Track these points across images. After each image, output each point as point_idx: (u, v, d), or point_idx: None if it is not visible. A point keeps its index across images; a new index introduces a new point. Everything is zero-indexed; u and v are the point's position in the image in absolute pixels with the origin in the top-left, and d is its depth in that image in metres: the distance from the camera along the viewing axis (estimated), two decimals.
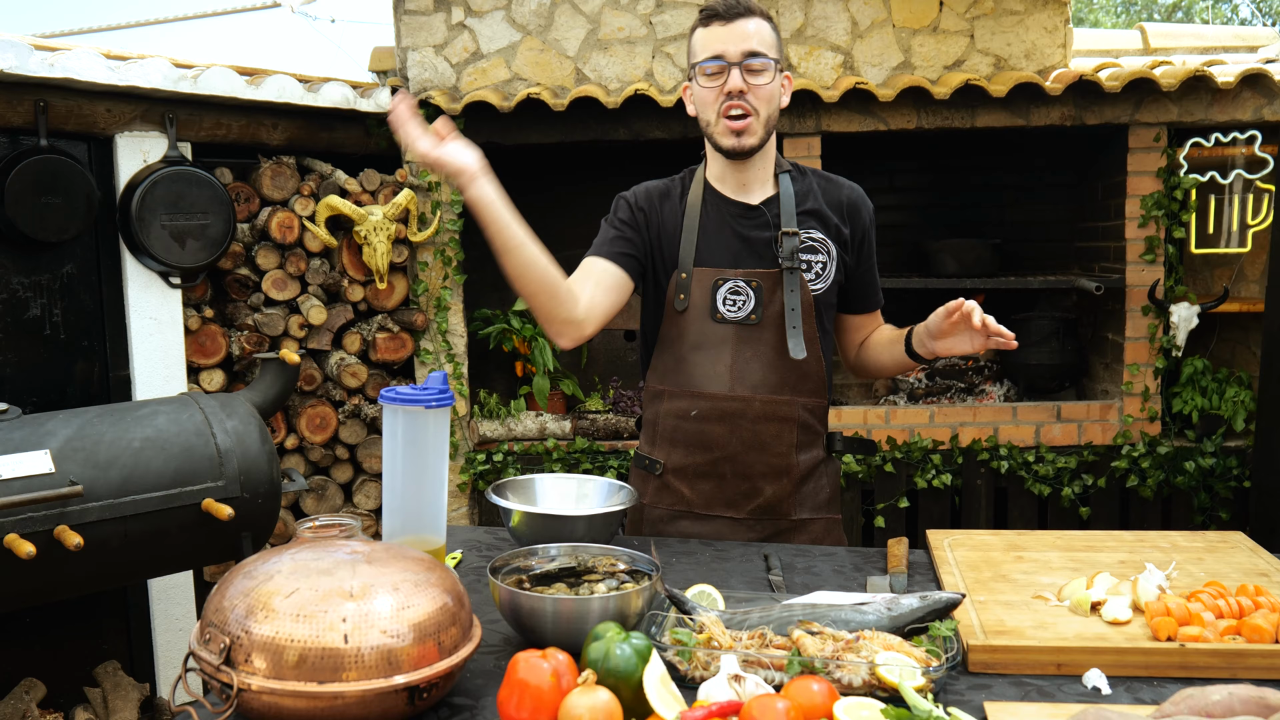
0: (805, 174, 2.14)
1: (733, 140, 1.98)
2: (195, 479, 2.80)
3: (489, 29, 4.02)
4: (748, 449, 2.06)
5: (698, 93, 2.01)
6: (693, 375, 2.06)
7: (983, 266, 4.24)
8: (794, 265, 2.01)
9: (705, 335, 2.04)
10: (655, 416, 2.14)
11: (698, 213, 2.07)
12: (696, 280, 2.04)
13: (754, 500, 2.09)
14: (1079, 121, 3.89)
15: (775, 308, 2.03)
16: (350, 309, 3.91)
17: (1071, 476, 4.01)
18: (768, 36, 1.99)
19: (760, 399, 2.05)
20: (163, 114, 3.44)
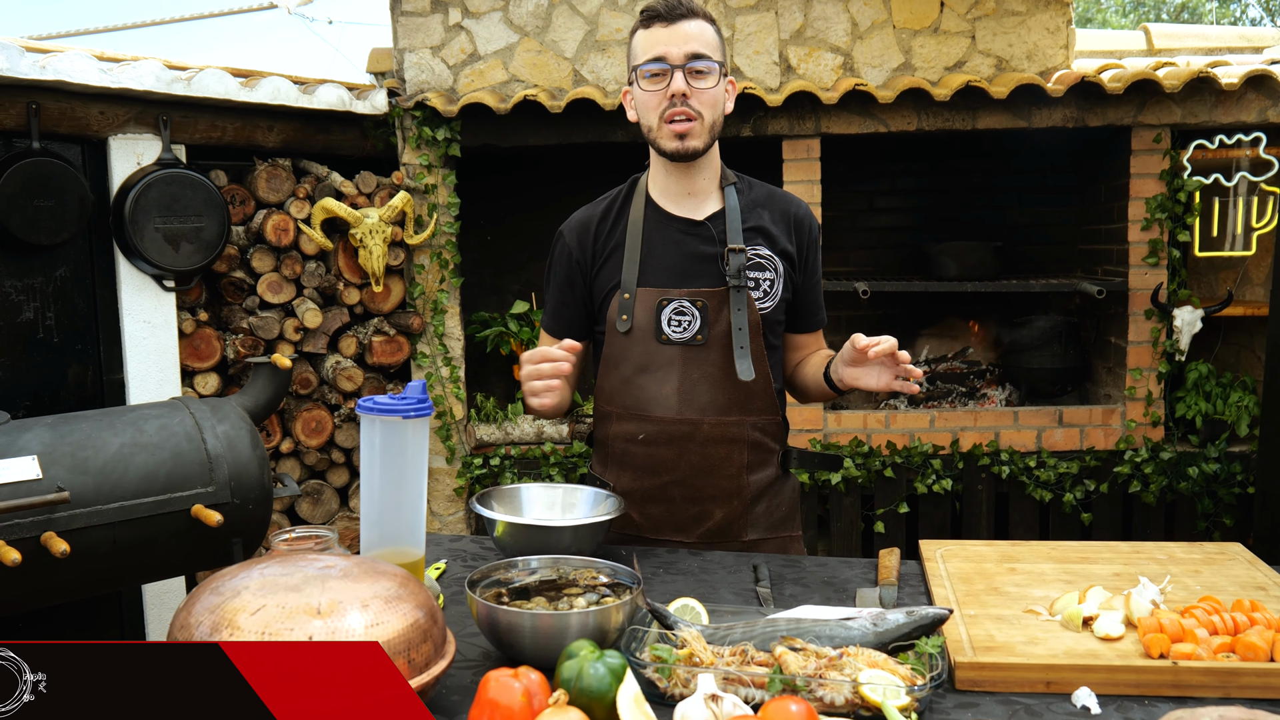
0: (751, 186, 2.08)
1: (676, 143, 1.91)
2: (185, 484, 2.77)
3: (486, 30, 4.00)
4: (697, 472, 2.01)
5: (639, 96, 1.95)
6: (640, 398, 2.02)
7: (984, 269, 4.20)
8: (740, 283, 1.96)
9: (651, 357, 2.00)
10: (605, 437, 2.09)
11: (640, 230, 2.01)
12: (640, 301, 1.99)
13: (704, 524, 2.04)
14: (1081, 123, 3.85)
15: (722, 327, 1.97)
16: (346, 312, 3.89)
17: (1073, 482, 3.97)
18: (711, 39, 1.93)
19: (709, 421, 1.99)
20: (156, 116, 3.42)
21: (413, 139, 3.91)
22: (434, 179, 3.94)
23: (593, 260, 2.06)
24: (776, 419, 2.07)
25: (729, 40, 3.97)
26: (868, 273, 4.60)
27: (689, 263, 1.99)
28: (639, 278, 2.00)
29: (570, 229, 2.09)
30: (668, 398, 2.00)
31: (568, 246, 2.07)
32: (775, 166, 4.00)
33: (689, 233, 2.01)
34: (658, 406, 2.01)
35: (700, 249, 2.00)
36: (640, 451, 2.03)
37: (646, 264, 2.00)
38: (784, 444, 2.13)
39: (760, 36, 3.96)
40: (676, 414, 2.00)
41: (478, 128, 3.91)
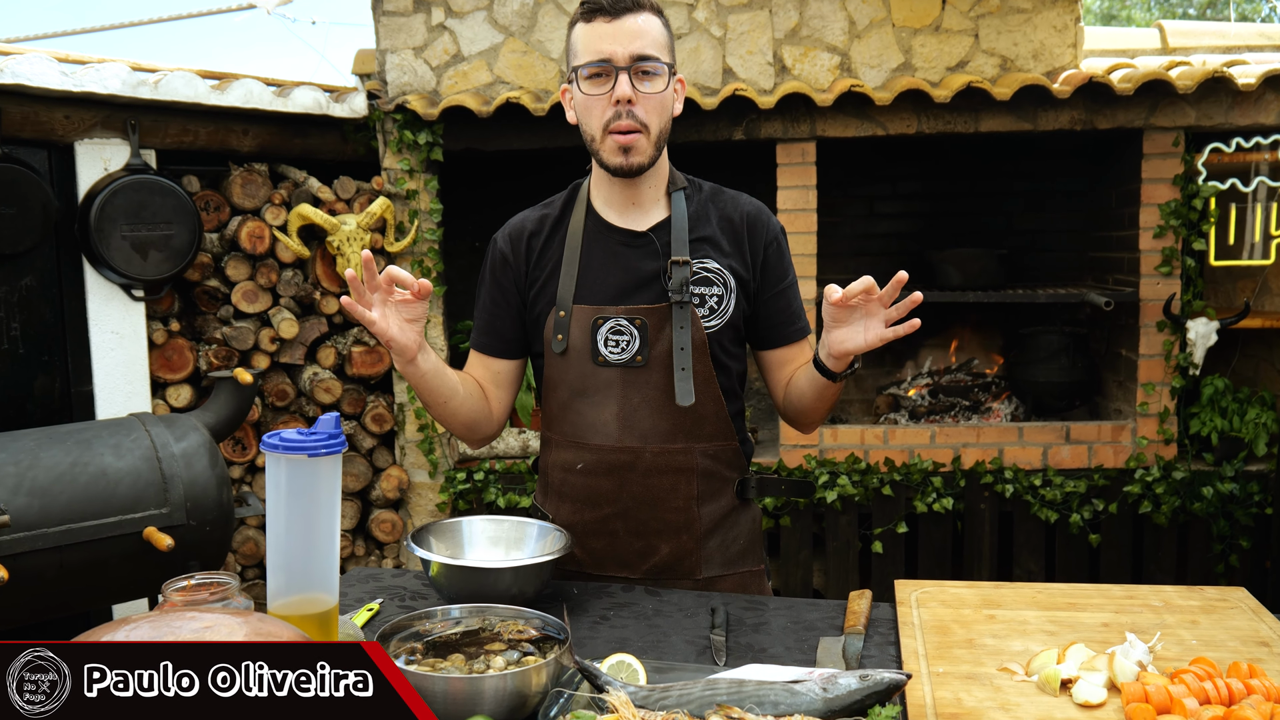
0: (702, 190, 1.92)
1: (620, 159, 1.75)
2: (137, 506, 2.66)
3: (470, 30, 3.87)
4: (640, 504, 1.86)
5: (579, 100, 1.77)
6: (577, 424, 1.87)
7: (988, 278, 4.03)
8: (684, 299, 1.80)
9: (588, 380, 1.85)
10: (545, 466, 1.96)
11: (579, 244, 1.87)
12: (576, 319, 1.84)
13: (650, 559, 1.89)
14: (1090, 126, 3.68)
15: (663, 347, 1.82)
16: (325, 322, 3.77)
17: (1081, 501, 3.80)
18: (659, 36, 1.77)
19: (652, 449, 1.84)
20: (124, 120, 3.31)
21: (393, 143, 3.78)
22: (415, 184, 3.81)
23: (529, 272, 1.91)
24: (732, 444, 1.92)
25: (720, 40, 3.82)
26: None
27: (629, 278, 1.84)
28: (575, 294, 1.85)
29: (505, 237, 1.94)
30: (606, 424, 1.85)
31: (503, 254, 1.93)
32: (769, 171, 3.85)
33: (630, 245, 1.86)
34: (596, 434, 1.86)
35: (641, 263, 1.85)
36: (579, 482, 1.89)
37: (584, 279, 1.85)
38: (743, 471, 1.96)
39: (754, 36, 3.81)
40: (616, 441, 1.85)
41: (460, 131, 3.78)
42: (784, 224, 3.78)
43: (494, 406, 1.95)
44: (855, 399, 4.50)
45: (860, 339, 1.65)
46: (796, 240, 3.77)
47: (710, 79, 3.84)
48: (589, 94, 1.75)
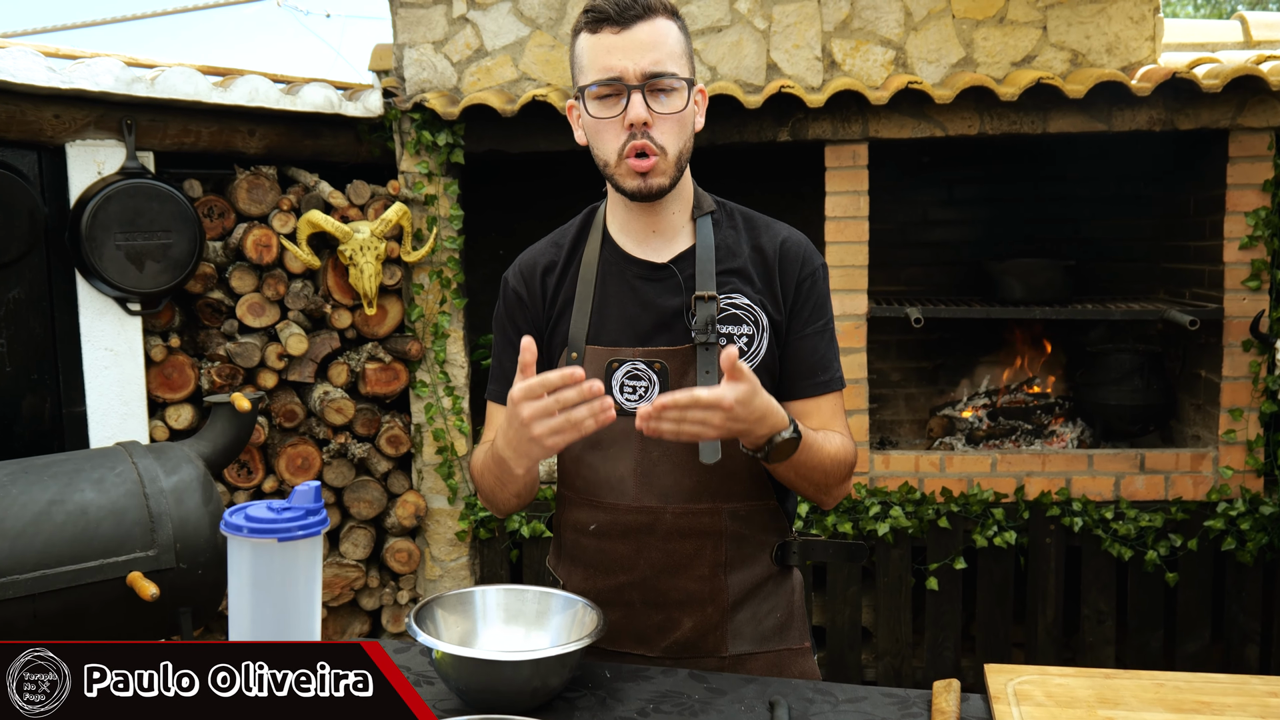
0: (733, 217, 1.67)
1: (637, 182, 1.53)
2: (121, 548, 2.40)
3: (494, 23, 3.59)
4: (660, 572, 1.61)
5: (588, 123, 1.54)
6: (591, 480, 1.62)
7: (1054, 291, 3.71)
8: (709, 340, 1.56)
9: (602, 431, 1.53)
10: (558, 525, 1.72)
11: (594, 277, 1.63)
12: (589, 362, 1.60)
13: (670, 634, 1.63)
14: (1170, 126, 3.35)
15: None
16: (336, 336, 3.51)
17: (1157, 537, 3.47)
18: (675, 45, 1.53)
19: (673, 510, 1.58)
20: (120, 120, 3.06)
21: (411, 144, 3.51)
22: (434, 189, 3.54)
23: (545, 310, 1.67)
24: (768, 504, 1.64)
25: (764, 33, 3.52)
26: (920, 293, 4.13)
27: (647, 315, 1.60)
28: (589, 333, 1.61)
29: (517, 274, 1.70)
30: (622, 480, 1.60)
31: (516, 295, 1.68)
32: (816, 175, 3.55)
33: (649, 278, 1.62)
34: (610, 491, 1.61)
35: (662, 299, 1.60)
36: (591, 545, 1.64)
37: (599, 317, 1.62)
38: (782, 533, 1.67)
39: (800, 28, 3.51)
40: (633, 501, 1.60)
41: (483, 131, 3.51)
42: (833, 233, 3.48)
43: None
44: (906, 419, 4.19)
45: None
46: (846, 251, 3.47)
47: (753, 75, 3.54)
48: (599, 117, 1.52)
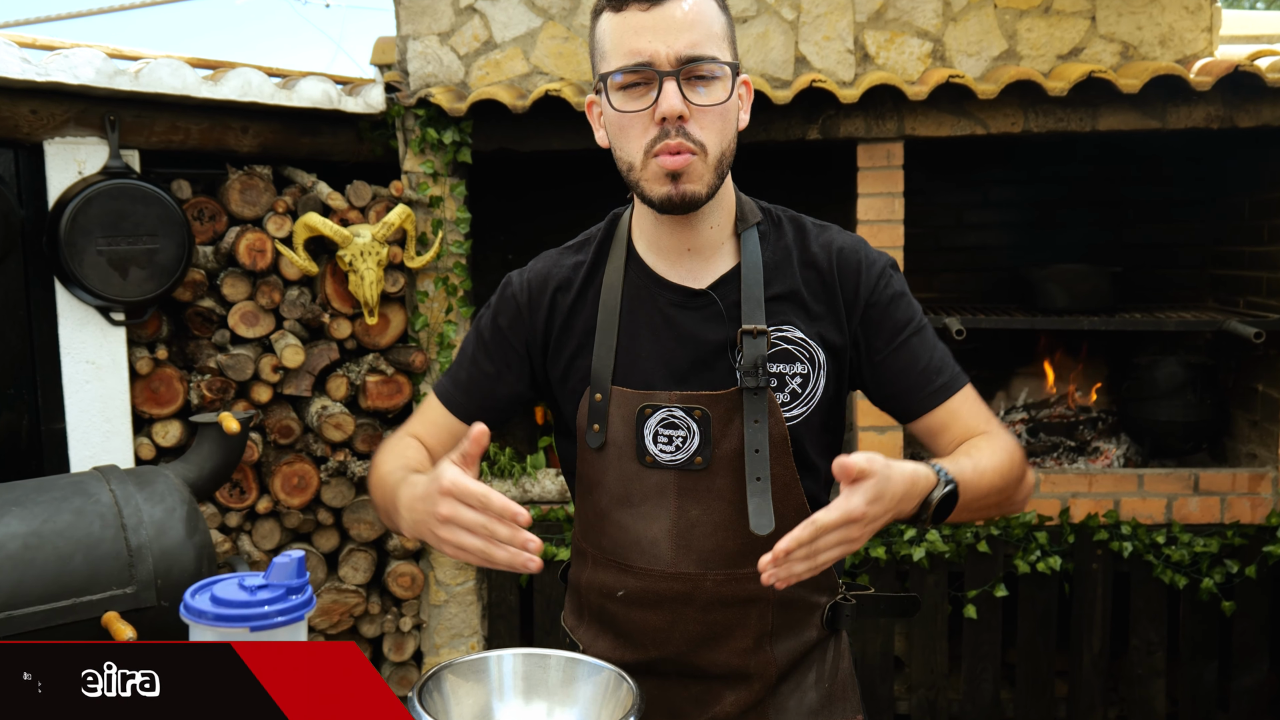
0: (781, 227, 1.42)
1: (668, 188, 1.28)
2: (95, 586, 2.18)
3: (504, 14, 3.37)
4: (698, 645, 1.39)
5: (611, 118, 1.31)
6: (619, 541, 1.39)
7: (1099, 299, 3.49)
8: (759, 384, 1.32)
9: (632, 484, 1.37)
10: (578, 583, 1.49)
11: (617, 304, 1.39)
12: (616, 406, 1.36)
13: (709, 709, 1.42)
14: (1229, 124, 3.12)
15: (731, 444, 1.34)
16: (335, 347, 3.29)
17: (1212, 563, 3.24)
18: (716, 25, 1.28)
19: (714, 577, 1.36)
20: (102, 116, 2.84)
21: (415, 142, 3.29)
22: (440, 190, 3.32)
23: (546, 333, 1.44)
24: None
25: (793, 24, 3.30)
26: (955, 300, 3.90)
27: (683, 353, 1.36)
28: (615, 372, 1.37)
29: (524, 284, 1.46)
30: (655, 543, 1.37)
31: (517, 306, 1.45)
32: (848, 176, 3.32)
33: (685, 307, 1.38)
34: (642, 555, 1.38)
35: (700, 332, 1.37)
36: (619, 612, 1.41)
37: (625, 353, 1.38)
38: (834, 590, 1.45)
39: (831, 19, 3.28)
40: (669, 566, 1.37)
41: (492, 129, 3.29)
42: (865, 237, 3.25)
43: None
44: None
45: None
46: None
47: (781, 69, 3.31)
48: (624, 110, 1.28)
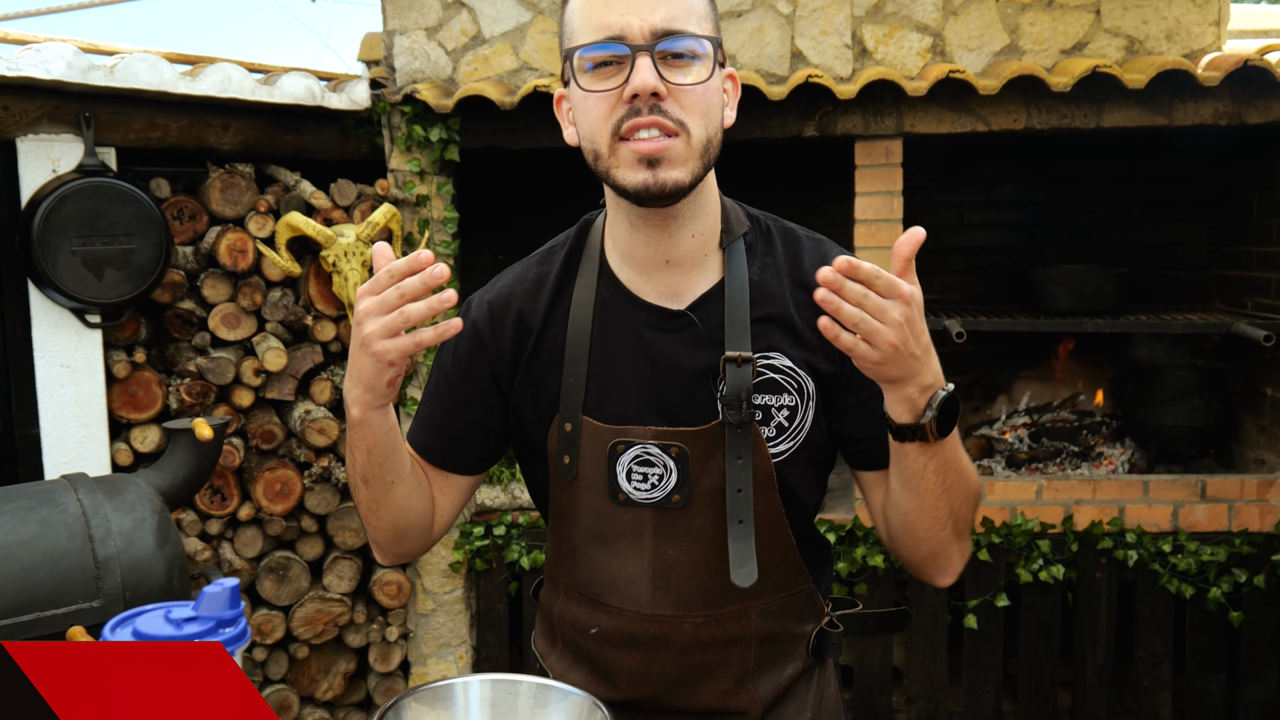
0: (770, 240, 1.31)
1: (644, 175, 1.14)
2: (61, 599, 2.10)
3: (492, 8, 3.28)
4: (676, 687, 1.30)
5: (579, 102, 1.18)
6: (593, 577, 1.30)
7: (1104, 301, 3.40)
8: (742, 417, 1.21)
9: (605, 521, 1.27)
10: (550, 610, 1.40)
11: (588, 324, 1.27)
12: (587, 438, 1.25)
13: None
14: (1238, 120, 3.03)
15: (711, 482, 1.24)
16: (319, 350, 3.20)
17: (1219, 572, 3.15)
18: (697, 2, 1.17)
19: (693, 619, 1.27)
20: (77, 112, 2.76)
21: (401, 140, 3.21)
22: (427, 188, 3.24)
23: (514, 358, 1.32)
24: (805, 589, 1.32)
25: (789, 18, 3.21)
26: (955, 302, 3.81)
27: (662, 379, 1.25)
28: (585, 401, 1.26)
29: (484, 309, 1.34)
30: (632, 583, 1.28)
31: (477, 334, 1.33)
32: (845, 174, 3.24)
33: (662, 329, 1.26)
34: (617, 594, 1.29)
35: (679, 357, 1.25)
36: (593, 649, 1.33)
37: (597, 379, 1.26)
38: (819, 615, 1.35)
39: (828, 13, 3.20)
40: (645, 607, 1.28)
41: (480, 126, 3.20)
42: (862, 238, 3.17)
43: (435, 517, 1.38)
44: None
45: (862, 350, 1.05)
46: (878, 257, 3.16)
47: (777, 64, 3.23)
48: (592, 89, 1.15)
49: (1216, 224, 3.70)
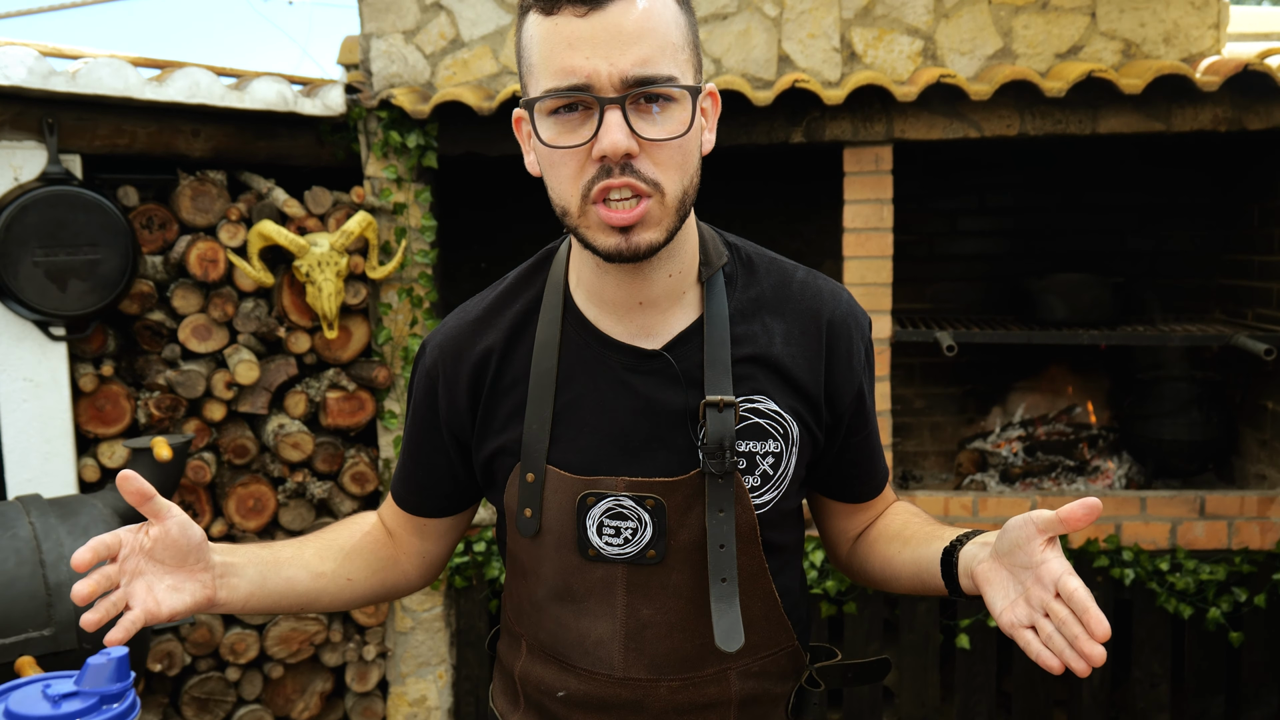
0: (753, 272, 1.22)
1: (616, 239, 1.05)
2: (9, 628, 2.02)
3: (472, 10, 3.20)
4: None
5: (541, 152, 1.07)
6: (559, 637, 1.21)
7: (1100, 311, 3.31)
8: (724, 467, 1.12)
9: (573, 578, 1.18)
10: (510, 666, 1.30)
11: (553, 365, 1.17)
12: (553, 489, 1.16)
13: None
14: (1238, 126, 2.94)
15: (689, 535, 1.15)
16: (294, 362, 3.12)
17: (1219, 591, 3.06)
18: (672, 32, 1.04)
19: (668, 683, 1.18)
20: (40, 119, 2.68)
21: (378, 146, 3.13)
22: (404, 196, 3.15)
23: (472, 403, 1.22)
24: (787, 647, 1.25)
25: (775, 21, 3.13)
26: (948, 312, 3.73)
27: (636, 425, 1.15)
28: (550, 450, 1.16)
29: (437, 351, 1.25)
30: (602, 644, 1.19)
31: (430, 380, 1.24)
32: (834, 181, 3.15)
33: (635, 370, 1.16)
34: (586, 655, 1.20)
35: (655, 398, 1.16)
36: (561, 713, 1.23)
37: (563, 426, 1.17)
38: (799, 673, 1.27)
39: (816, 15, 3.11)
40: (619, 671, 1.18)
41: (459, 132, 3.12)
42: (851, 247, 3.09)
43: (409, 565, 1.33)
44: (932, 451, 3.79)
45: (999, 600, 1.04)
46: (867, 267, 3.07)
47: (763, 68, 3.14)
48: (555, 144, 1.04)
49: (1216, 232, 3.61)
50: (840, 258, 3.10)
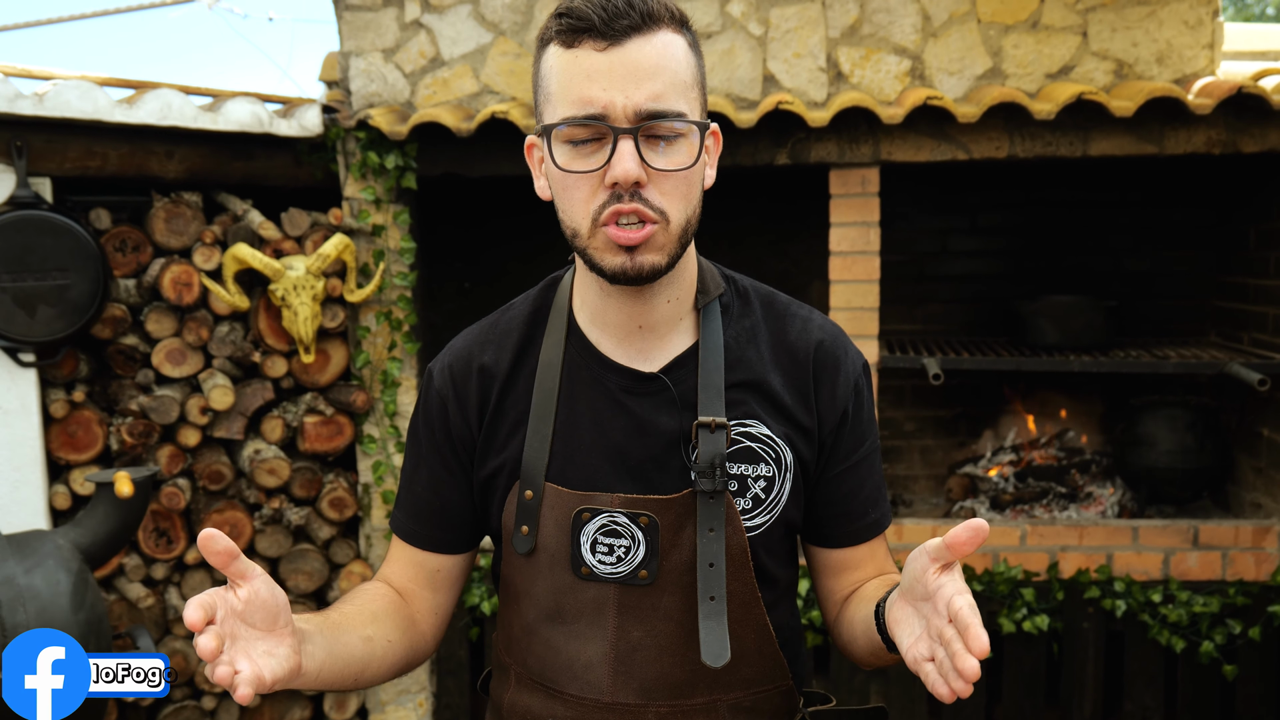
0: (748, 303, 1.26)
1: (622, 260, 1.10)
2: None
3: (452, 29, 3.15)
4: None
5: (555, 176, 1.12)
6: (548, 661, 1.22)
7: (1093, 335, 3.25)
8: (715, 486, 1.14)
9: (564, 598, 1.20)
10: (499, 701, 1.29)
11: (555, 386, 1.21)
12: (549, 506, 1.19)
13: None
14: (1232, 148, 2.88)
15: (681, 556, 1.17)
16: (270, 386, 3.07)
17: (1212, 624, 3.00)
18: (684, 71, 1.10)
19: (657, 709, 1.18)
20: (8, 141, 2.64)
21: (356, 167, 3.08)
22: (383, 217, 3.10)
23: (479, 423, 1.24)
24: (781, 685, 1.24)
25: (760, 40, 3.07)
26: (939, 334, 3.67)
27: (632, 445, 1.19)
28: (549, 466, 1.19)
29: (445, 372, 1.27)
30: (591, 667, 1.19)
31: (441, 400, 1.26)
32: (819, 203, 3.10)
33: (633, 392, 1.20)
34: (574, 680, 1.20)
35: (650, 422, 1.19)
36: None
37: (563, 444, 1.20)
38: (792, 713, 1.27)
39: (802, 34, 3.06)
40: (607, 695, 1.19)
41: (438, 152, 3.07)
42: (838, 270, 3.03)
43: (425, 624, 1.30)
44: (922, 475, 3.73)
45: (905, 638, 1.00)
46: (854, 291, 3.02)
47: (747, 88, 3.09)
48: (570, 169, 1.09)
49: (1212, 255, 3.55)
50: (826, 281, 3.05)
